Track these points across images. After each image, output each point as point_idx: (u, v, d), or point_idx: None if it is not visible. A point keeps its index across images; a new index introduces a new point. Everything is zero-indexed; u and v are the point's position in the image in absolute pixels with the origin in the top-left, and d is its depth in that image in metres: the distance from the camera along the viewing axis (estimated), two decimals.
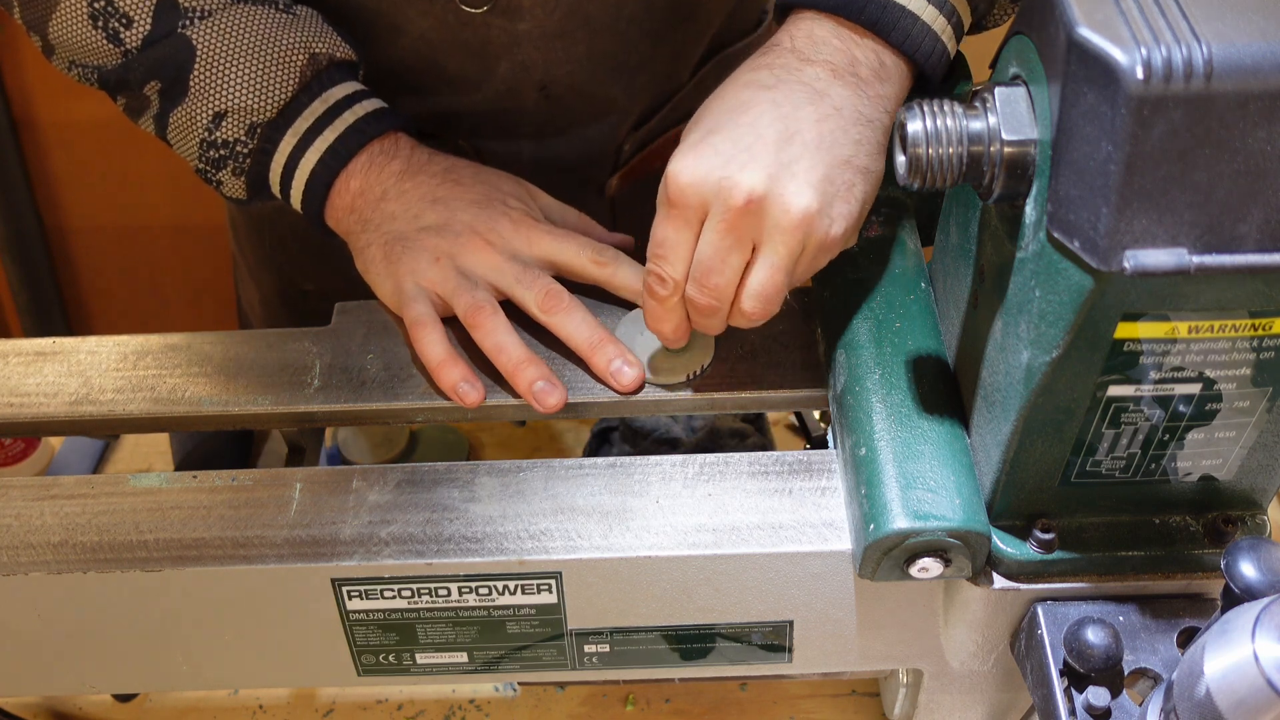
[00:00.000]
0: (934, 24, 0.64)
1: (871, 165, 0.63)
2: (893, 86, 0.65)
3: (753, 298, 0.62)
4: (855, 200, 0.62)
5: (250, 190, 0.77)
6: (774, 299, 0.63)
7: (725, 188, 0.60)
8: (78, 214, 1.89)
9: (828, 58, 0.63)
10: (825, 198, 0.60)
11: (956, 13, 0.65)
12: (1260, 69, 0.44)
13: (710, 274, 0.62)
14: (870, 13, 0.64)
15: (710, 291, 0.63)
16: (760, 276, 0.62)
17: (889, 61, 0.65)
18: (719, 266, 0.62)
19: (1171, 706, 0.49)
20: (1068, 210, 0.49)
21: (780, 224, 0.60)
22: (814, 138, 0.61)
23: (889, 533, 0.58)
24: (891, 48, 0.64)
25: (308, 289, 1.01)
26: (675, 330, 0.67)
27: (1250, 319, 0.51)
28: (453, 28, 0.80)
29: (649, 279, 0.64)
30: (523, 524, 0.64)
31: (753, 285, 0.62)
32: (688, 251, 0.63)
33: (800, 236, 0.61)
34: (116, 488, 0.67)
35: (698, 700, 0.89)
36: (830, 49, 0.64)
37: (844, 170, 0.61)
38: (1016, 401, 0.54)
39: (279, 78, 0.73)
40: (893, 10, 0.64)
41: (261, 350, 0.74)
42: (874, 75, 0.64)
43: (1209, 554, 0.60)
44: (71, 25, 0.73)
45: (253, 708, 0.90)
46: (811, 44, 0.64)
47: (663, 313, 0.66)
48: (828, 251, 0.63)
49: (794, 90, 0.62)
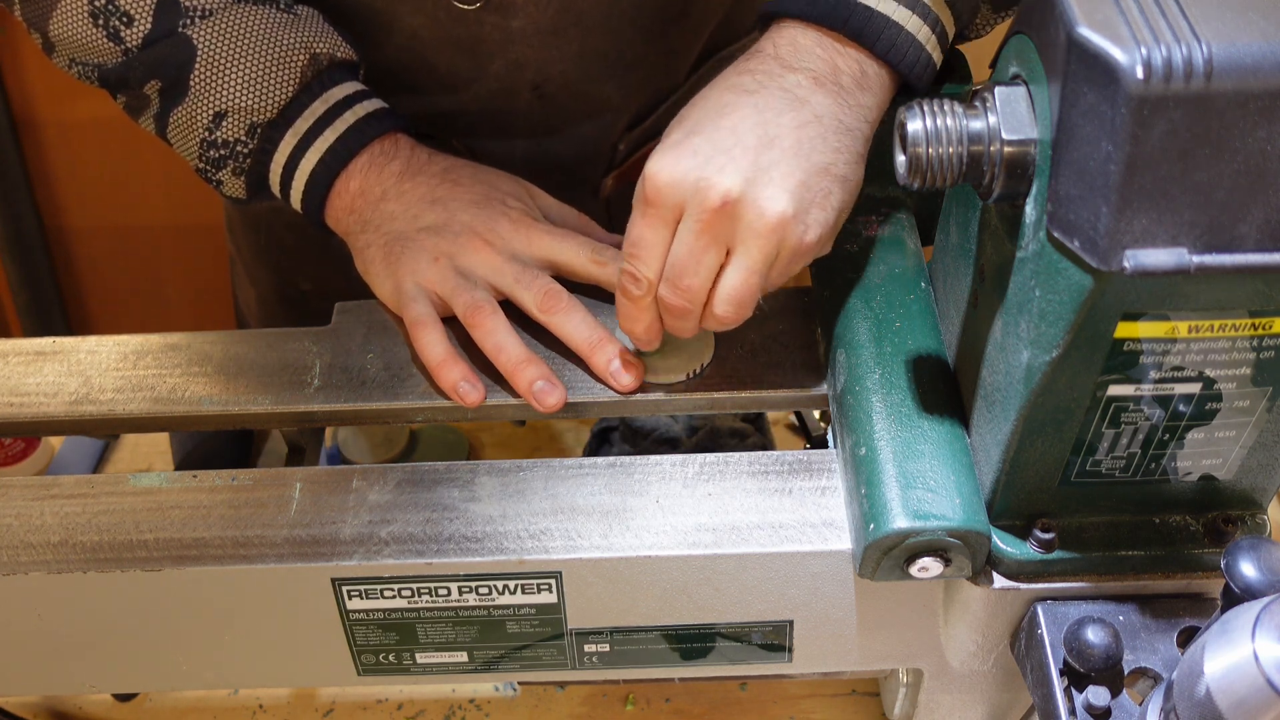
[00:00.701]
0: (918, 34, 0.65)
1: (850, 174, 0.63)
2: (874, 96, 0.65)
3: (725, 301, 0.63)
4: (831, 208, 0.62)
5: (250, 190, 0.77)
6: (747, 303, 0.63)
7: (701, 188, 0.60)
8: (78, 214, 1.89)
9: (810, 66, 0.64)
10: (801, 204, 0.61)
11: (941, 23, 0.66)
12: (1260, 69, 0.44)
13: (683, 275, 0.62)
14: (854, 23, 0.64)
15: (683, 293, 0.63)
16: (733, 280, 0.62)
17: (872, 71, 0.65)
18: (693, 267, 0.62)
19: (1171, 706, 0.49)
20: (1068, 210, 0.49)
21: (755, 227, 0.60)
22: (793, 144, 0.61)
23: (889, 532, 0.58)
24: (875, 57, 0.65)
25: (305, 289, 1.01)
26: (647, 330, 0.67)
27: (1250, 319, 0.51)
28: (445, 25, 0.80)
29: (623, 278, 0.65)
30: (523, 524, 0.64)
31: (725, 288, 0.62)
32: (662, 251, 0.63)
33: (775, 241, 0.61)
34: (116, 488, 0.67)
35: (698, 700, 0.89)
36: (813, 57, 0.64)
37: (822, 178, 0.61)
38: (1016, 401, 0.54)
39: (280, 78, 0.73)
40: (877, 20, 0.64)
41: (261, 350, 0.74)
42: (856, 84, 0.64)
43: (1209, 554, 0.60)
44: (72, 23, 0.73)
45: (253, 708, 0.90)
46: (794, 52, 0.64)
47: (635, 312, 0.66)
48: (802, 257, 0.63)
49: (775, 96, 0.62)
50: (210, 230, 1.86)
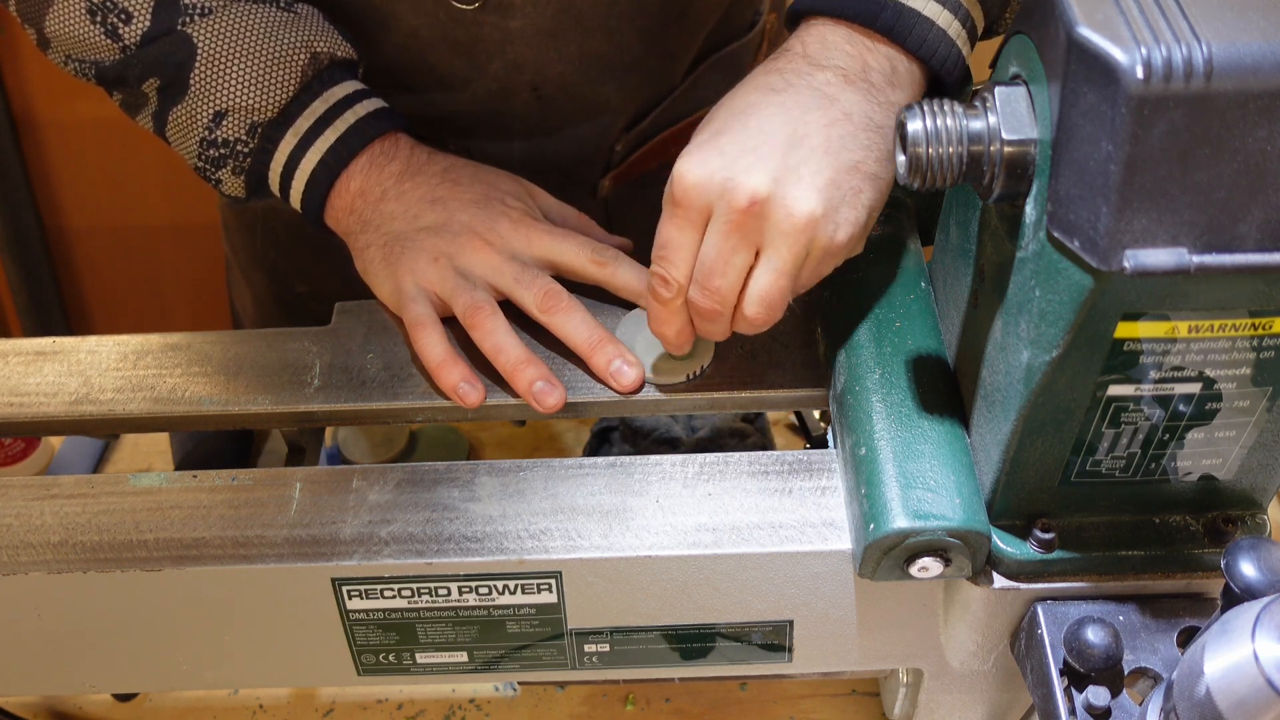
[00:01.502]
0: (949, 29, 0.64)
1: (881, 172, 0.62)
2: (905, 93, 0.64)
3: (755, 302, 0.62)
4: (862, 206, 0.61)
5: (249, 188, 0.77)
6: (777, 304, 0.62)
7: (729, 189, 0.60)
8: (78, 214, 1.89)
9: (839, 63, 0.63)
10: (831, 202, 0.60)
11: (971, 18, 0.65)
12: (1260, 69, 0.44)
13: (713, 276, 0.62)
14: (885, 19, 0.63)
15: (712, 294, 0.62)
16: (763, 281, 0.61)
17: (902, 68, 0.64)
18: (721, 268, 0.61)
19: (1171, 706, 0.49)
20: (1068, 210, 0.49)
21: (783, 228, 0.60)
22: (821, 142, 0.60)
23: (889, 532, 0.58)
24: (907, 53, 0.64)
25: (301, 291, 1.01)
26: (679, 334, 0.66)
27: (1250, 318, 0.51)
28: (444, 25, 0.80)
29: (653, 280, 0.64)
30: (523, 523, 0.64)
31: (755, 290, 0.62)
32: (691, 253, 0.62)
33: (804, 241, 0.60)
34: (116, 487, 0.67)
35: (698, 700, 0.89)
36: (842, 55, 0.63)
37: (851, 176, 0.61)
38: (1016, 401, 0.54)
39: (280, 77, 0.73)
40: (908, 16, 0.63)
41: (261, 350, 0.74)
42: (886, 81, 0.63)
43: (1209, 553, 0.60)
44: (69, 20, 0.73)
45: (253, 708, 0.90)
46: (823, 49, 0.64)
47: (666, 315, 0.65)
48: (833, 257, 0.62)
49: (803, 95, 0.62)
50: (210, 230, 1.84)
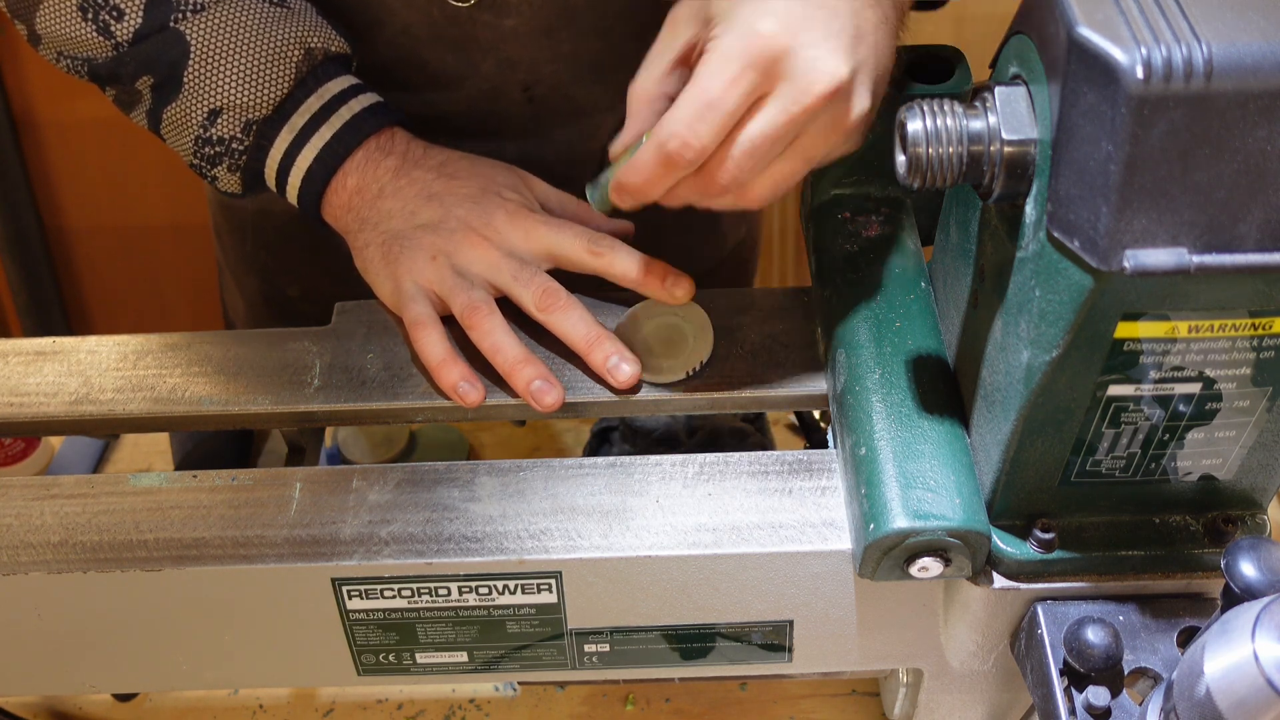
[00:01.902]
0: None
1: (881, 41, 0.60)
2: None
3: (743, 145, 0.58)
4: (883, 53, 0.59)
5: (245, 185, 0.77)
6: (764, 154, 0.58)
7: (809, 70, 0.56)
8: (78, 214, 1.89)
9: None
10: (856, 61, 0.57)
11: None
12: (1260, 69, 0.44)
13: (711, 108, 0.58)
14: None
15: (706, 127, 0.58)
16: (758, 124, 0.58)
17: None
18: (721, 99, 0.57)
19: (1171, 706, 0.49)
20: (1068, 210, 0.49)
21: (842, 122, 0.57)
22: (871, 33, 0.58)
23: (889, 532, 0.58)
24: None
25: (292, 294, 1.00)
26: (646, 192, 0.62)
27: (1250, 318, 0.51)
28: (438, 22, 0.80)
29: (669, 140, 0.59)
30: (523, 523, 0.64)
31: (747, 132, 0.58)
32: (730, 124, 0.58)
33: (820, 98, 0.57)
34: (116, 487, 0.67)
35: (698, 700, 0.89)
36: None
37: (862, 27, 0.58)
38: (1016, 401, 0.54)
39: (275, 73, 0.73)
40: None
41: (261, 350, 0.74)
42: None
43: (1209, 554, 0.60)
44: (60, 17, 0.73)
45: (253, 708, 0.90)
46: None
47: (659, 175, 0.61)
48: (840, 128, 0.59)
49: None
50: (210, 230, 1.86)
